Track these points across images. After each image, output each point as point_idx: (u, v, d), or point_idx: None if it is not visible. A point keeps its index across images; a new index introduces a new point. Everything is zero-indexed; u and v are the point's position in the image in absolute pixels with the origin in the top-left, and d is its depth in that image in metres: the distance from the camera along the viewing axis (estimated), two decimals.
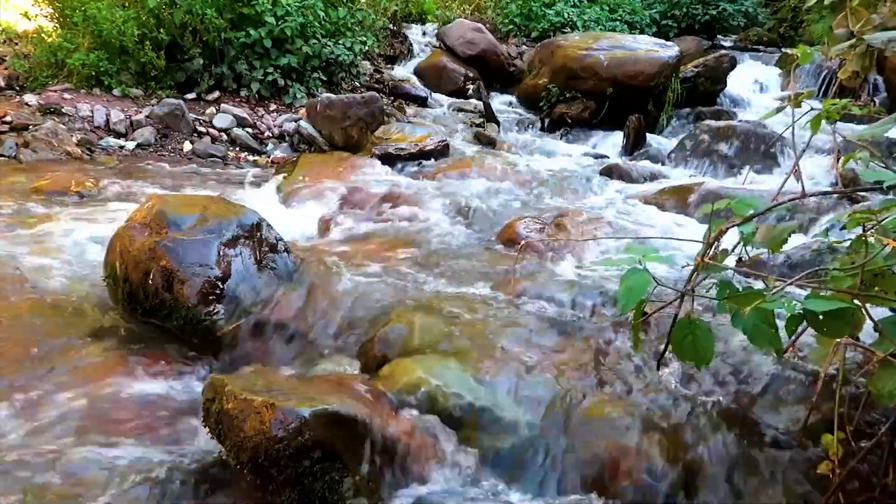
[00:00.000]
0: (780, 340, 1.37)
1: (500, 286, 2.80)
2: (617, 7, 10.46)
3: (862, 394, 1.67)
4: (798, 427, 1.84)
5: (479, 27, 8.69)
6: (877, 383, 1.39)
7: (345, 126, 5.60)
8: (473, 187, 4.56)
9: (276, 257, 2.80)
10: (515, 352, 2.25)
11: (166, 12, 6.08)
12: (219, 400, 1.87)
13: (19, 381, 2.28)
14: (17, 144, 5.10)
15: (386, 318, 2.48)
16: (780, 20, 11.20)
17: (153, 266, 2.57)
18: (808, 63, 1.91)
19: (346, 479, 1.80)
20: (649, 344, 2.25)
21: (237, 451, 1.80)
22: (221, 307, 2.57)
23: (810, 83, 7.24)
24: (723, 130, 5.51)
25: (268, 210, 3.22)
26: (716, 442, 1.88)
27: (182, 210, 2.78)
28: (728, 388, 2.04)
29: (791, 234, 1.64)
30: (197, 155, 5.63)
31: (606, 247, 3.38)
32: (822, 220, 3.67)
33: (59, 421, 2.10)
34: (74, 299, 2.83)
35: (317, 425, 1.77)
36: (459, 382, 2.10)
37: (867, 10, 1.82)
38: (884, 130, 1.71)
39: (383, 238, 3.64)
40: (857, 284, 1.44)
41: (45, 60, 6.07)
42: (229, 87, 6.45)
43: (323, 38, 6.70)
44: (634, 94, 6.68)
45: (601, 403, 2.02)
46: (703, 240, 1.57)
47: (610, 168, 5.37)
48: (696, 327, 1.48)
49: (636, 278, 1.45)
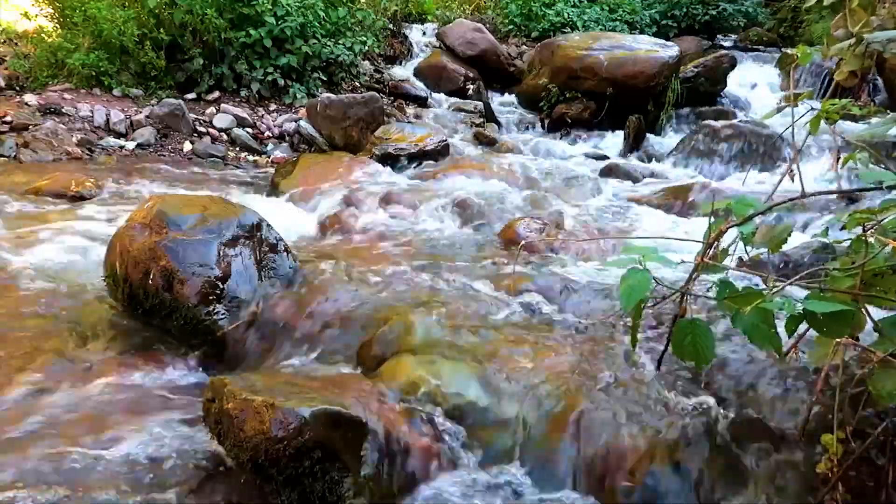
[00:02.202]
0: (779, 340, 1.37)
1: (499, 286, 2.80)
2: (617, 7, 10.46)
3: (862, 394, 1.67)
4: (797, 427, 1.84)
5: (479, 27, 8.69)
6: (877, 383, 1.39)
7: (345, 126, 5.61)
8: (473, 187, 4.56)
9: (276, 257, 2.80)
10: (515, 351, 2.25)
11: (166, 12, 6.08)
12: (219, 400, 1.87)
13: (19, 381, 2.29)
14: (17, 144, 5.10)
15: (385, 318, 2.48)
16: (780, 20, 11.19)
17: (153, 266, 2.57)
18: (808, 63, 1.91)
19: (346, 479, 1.80)
20: (649, 344, 2.25)
21: (237, 451, 1.80)
22: (221, 307, 2.57)
23: (810, 83, 7.24)
24: (723, 130, 5.51)
25: (267, 210, 3.21)
26: (715, 442, 1.88)
27: (182, 210, 2.78)
28: (728, 388, 2.04)
29: (790, 234, 1.64)
30: (197, 155, 5.64)
31: (606, 246, 3.39)
32: (822, 220, 3.68)
33: (59, 420, 2.11)
34: (74, 299, 2.83)
35: (317, 425, 1.77)
36: (459, 382, 2.10)
37: (866, 12, 1.83)
38: (884, 130, 1.71)
39: (383, 238, 3.65)
40: (857, 284, 1.45)
41: (45, 60, 6.08)
42: (229, 87, 6.45)
43: (323, 38, 6.70)
44: (634, 94, 6.68)
45: (601, 403, 2.02)
46: (703, 240, 1.57)
47: (610, 168, 5.38)
48: (696, 327, 1.48)
49: (637, 278, 1.46)
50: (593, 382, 2.11)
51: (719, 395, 2.02)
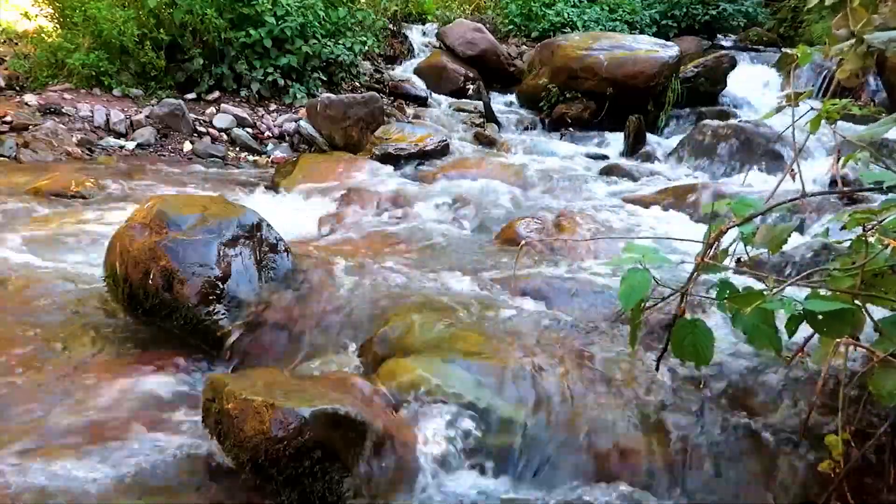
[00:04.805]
0: (779, 340, 1.37)
1: (500, 286, 2.80)
2: (617, 7, 10.46)
3: (862, 394, 1.67)
4: (798, 426, 1.84)
5: (479, 27, 8.70)
6: (877, 383, 1.39)
7: (345, 126, 5.61)
8: (473, 187, 4.56)
9: (276, 257, 2.80)
10: (515, 351, 2.25)
11: (166, 12, 6.08)
12: (219, 400, 1.87)
13: (19, 381, 2.29)
14: (17, 144, 5.10)
15: (385, 318, 2.48)
16: (780, 20, 11.19)
17: (153, 266, 2.57)
18: (809, 63, 1.91)
19: (346, 479, 1.80)
20: (649, 343, 2.25)
21: (237, 451, 1.80)
22: (221, 307, 2.57)
23: (810, 83, 7.24)
24: (723, 130, 5.51)
25: (268, 210, 3.21)
26: (715, 441, 1.88)
27: (182, 210, 2.78)
28: (727, 388, 2.04)
29: (790, 234, 1.64)
30: (197, 155, 5.64)
31: (606, 246, 3.38)
32: (822, 220, 3.67)
33: (58, 420, 2.10)
34: (74, 299, 2.83)
35: (317, 425, 1.77)
36: (460, 382, 2.10)
37: (867, 11, 1.82)
38: (884, 130, 1.71)
39: (383, 238, 3.65)
40: (857, 284, 1.45)
41: (45, 60, 6.08)
42: (229, 88, 6.45)
43: (323, 38, 6.70)
44: (634, 94, 6.68)
45: (601, 403, 2.02)
46: (703, 240, 1.57)
47: (610, 168, 5.38)
48: (696, 327, 1.48)
49: (637, 278, 1.46)
50: (593, 382, 2.11)
51: (719, 395, 2.02)
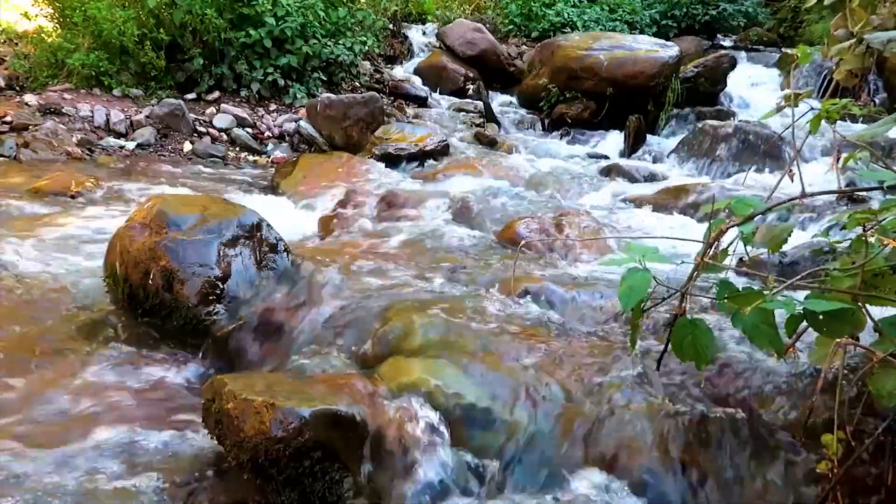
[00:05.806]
0: (780, 340, 1.37)
1: (500, 286, 2.80)
2: (617, 7, 10.46)
3: (862, 394, 1.67)
4: (797, 426, 1.84)
5: (479, 27, 8.70)
6: (877, 383, 1.39)
7: (345, 126, 5.61)
8: (473, 187, 4.56)
9: (276, 257, 2.80)
10: (515, 351, 2.24)
11: (166, 12, 6.08)
12: (219, 400, 1.87)
13: (18, 381, 2.29)
14: (17, 144, 5.10)
15: (385, 318, 2.47)
16: (780, 20, 11.20)
17: (153, 266, 2.57)
18: (809, 63, 1.91)
19: (346, 479, 1.80)
20: (649, 343, 2.25)
21: (237, 451, 1.80)
22: (221, 307, 2.57)
23: (810, 83, 7.24)
24: (723, 130, 5.51)
25: (268, 210, 3.21)
26: (715, 441, 1.88)
27: (182, 210, 2.78)
28: (727, 388, 2.04)
29: (790, 234, 1.64)
30: (197, 155, 5.64)
31: (606, 246, 3.38)
32: (822, 220, 3.67)
33: (58, 420, 2.11)
34: (74, 299, 2.83)
35: (317, 425, 1.77)
36: (460, 382, 2.10)
37: (866, 11, 1.83)
38: (884, 130, 1.71)
39: (383, 238, 3.64)
40: (857, 284, 1.45)
41: (45, 60, 6.08)
42: (229, 88, 6.45)
43: (323, 39, 6.70)
44: (634, 94, 6.68)
45: (601, 403, 2.02)
46: (703, 240, 1.57)
47: (610, 168, 5.38)
48: (696, 327, 1.48)
49: (637, 278, 1.46)
50: (594, 383, 2.10)
51: (719, 395, 2.02)
